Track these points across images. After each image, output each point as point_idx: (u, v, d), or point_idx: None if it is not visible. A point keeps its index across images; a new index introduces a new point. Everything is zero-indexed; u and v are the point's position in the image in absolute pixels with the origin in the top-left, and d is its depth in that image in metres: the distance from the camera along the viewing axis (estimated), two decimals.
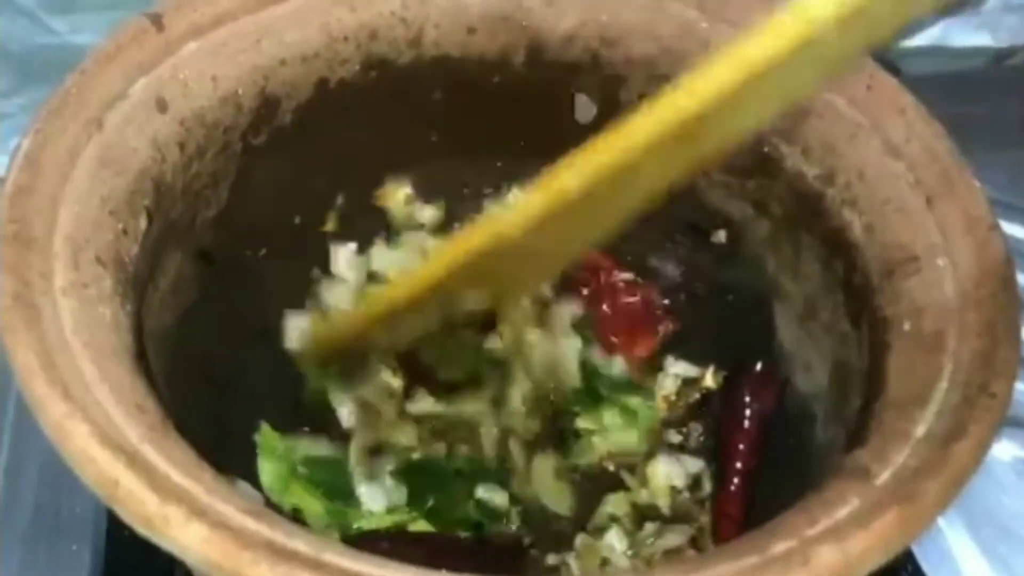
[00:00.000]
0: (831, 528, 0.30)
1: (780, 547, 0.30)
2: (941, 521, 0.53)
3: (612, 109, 0.52)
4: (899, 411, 0.35)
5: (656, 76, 0.50)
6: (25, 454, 0.54)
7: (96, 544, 0.52)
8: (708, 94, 0.30)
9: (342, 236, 0.55)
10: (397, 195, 0.55)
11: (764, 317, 0.51)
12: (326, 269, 0.55)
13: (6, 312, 0.32)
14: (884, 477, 0.32)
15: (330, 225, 0.55)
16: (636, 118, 0.32)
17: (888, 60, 0.64)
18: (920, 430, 0.33)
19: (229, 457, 0.49)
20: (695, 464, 0.53)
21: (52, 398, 0.30)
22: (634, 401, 0.54)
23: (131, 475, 0.28)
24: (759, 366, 0.51)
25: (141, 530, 0.28)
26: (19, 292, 0.33)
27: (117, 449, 0.29)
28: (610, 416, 0.53)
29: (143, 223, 0.41)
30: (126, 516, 0.29)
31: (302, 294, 0.55)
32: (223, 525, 0.28)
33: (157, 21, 0.44)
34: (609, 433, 0.53)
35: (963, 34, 0.74)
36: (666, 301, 0.56)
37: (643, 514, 0.51)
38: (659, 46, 0.50)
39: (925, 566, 0.52)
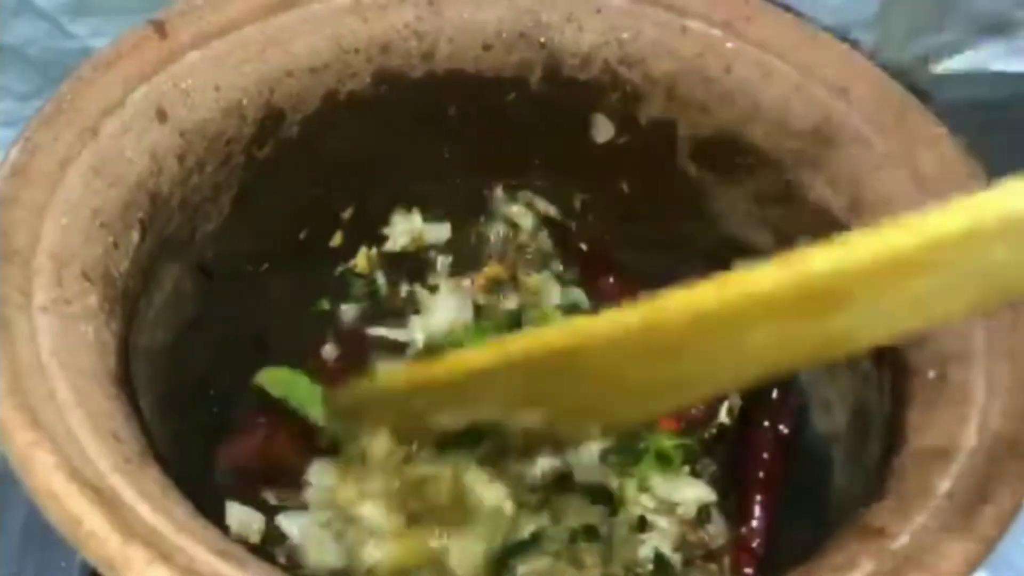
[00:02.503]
0: None
1: None
2: None
3: (630, 129, 0.51)
4: (920, 466, 0.33)
5: (676, 96, 0.48)
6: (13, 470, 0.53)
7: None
8: (844, 266, 0.24)
9: (348, 252, 0.54)
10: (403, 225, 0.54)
11: None
12: (328, 286, 0.54)
13: None
14: (902, 540, 0.30)
15: (337, 241, 0.54)
16: (766, 266, 0.26)
17: (919, 86, 0.62)
18: (943, 488, 0.31)
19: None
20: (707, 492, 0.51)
21: (18, 425, 0.28)
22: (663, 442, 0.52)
23: (95, 512, 0.27)
24: (775, 393, 0.49)
25: (105, 572, 0.27)
26: None
27: (83, 483, 0.27)
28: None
29: (136, 237, 0.40)
30: (89, 556, 0.27)
31: (304, 310, 0.54)
32: (188, 569, 0.26)
33: (160, 28, 0.42)
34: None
35: (1000, 59, 0.71)
36: None
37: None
38: (680, 65, 0.48)
39: None
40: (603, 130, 0.51)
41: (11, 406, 0.29)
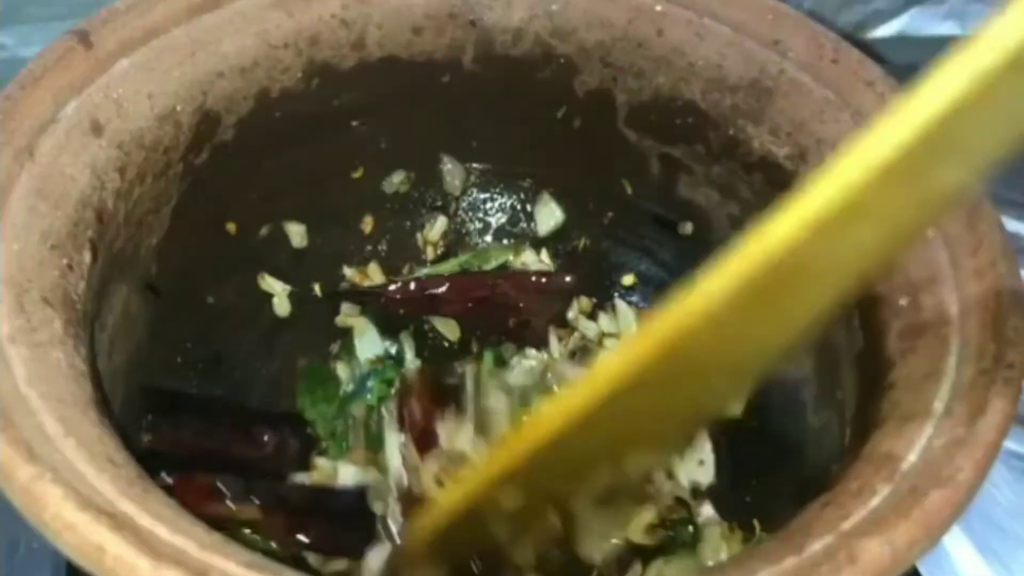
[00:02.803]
0: (869, 519, 0.29)
1: (817, 545, 0.29)
2: None
3: (567, 101, 0.51)
4: (911, 390, 0.34)
5: (610, 64, 0.49)
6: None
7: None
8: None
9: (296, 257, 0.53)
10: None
11: None
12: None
13: None
14: (911, 460, 0.31)
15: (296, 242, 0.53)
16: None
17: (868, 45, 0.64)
18: (939, 407, 0.32)
19: None
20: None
21: (16, 460, 0.27)
22: None
23: (117, 538, 0.25)
24: None
25: None
26: None
27: (96, 511, 0.26)
28: None
29: (88, 257, 0.38)
30: None
31: (253, 318, 0.52)
32: None
33: (84, 38, 0.40)
34: None
35: (931, 23, 0.73)
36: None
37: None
38: (611, 33, 0.48)
39: (920, 565, 0.49)
40: (541, 105, 0.51)
41: (5, 441, 0.27)
